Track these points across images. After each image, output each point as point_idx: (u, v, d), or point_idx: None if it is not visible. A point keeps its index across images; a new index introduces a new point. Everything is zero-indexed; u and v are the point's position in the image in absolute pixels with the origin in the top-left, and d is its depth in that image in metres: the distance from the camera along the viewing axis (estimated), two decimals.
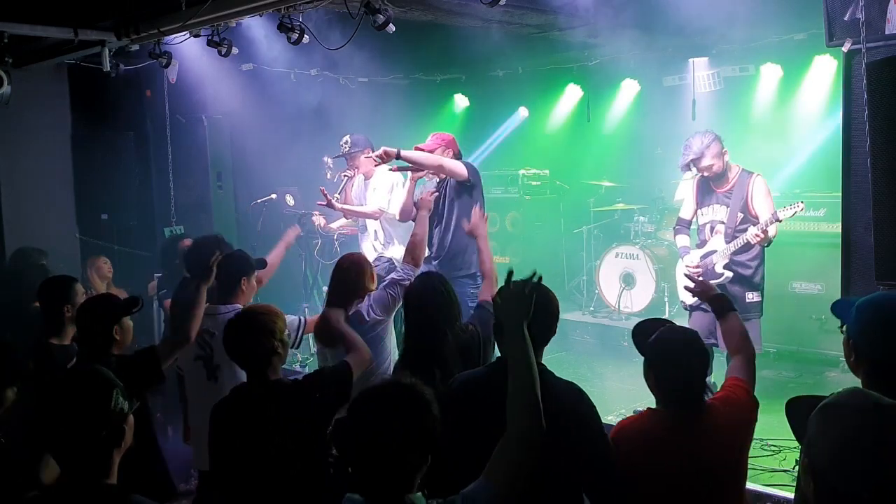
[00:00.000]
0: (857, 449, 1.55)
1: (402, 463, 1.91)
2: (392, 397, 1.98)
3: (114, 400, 2.07)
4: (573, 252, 9.09)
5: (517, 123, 9.88)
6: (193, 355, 4.07)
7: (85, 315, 3.62)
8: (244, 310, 3.38)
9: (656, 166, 8.44)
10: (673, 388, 2.68)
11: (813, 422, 1.64)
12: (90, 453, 2.04)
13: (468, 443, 2.34)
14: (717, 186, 5.34)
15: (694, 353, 2.70)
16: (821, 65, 7.33)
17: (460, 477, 2.13)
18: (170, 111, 7.58)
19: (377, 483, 1.91)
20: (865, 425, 1.58)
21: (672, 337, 2.76)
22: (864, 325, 2.22)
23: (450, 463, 2.17)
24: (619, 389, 6.28)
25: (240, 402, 3.08)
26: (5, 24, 5.75)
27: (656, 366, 2.71)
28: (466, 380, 2.90)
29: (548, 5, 6.15)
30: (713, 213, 5.38)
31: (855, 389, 1.70)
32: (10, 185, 6.83)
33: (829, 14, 3.86)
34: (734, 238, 5.21)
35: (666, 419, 2.68)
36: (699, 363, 2.70)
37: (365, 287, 4.10)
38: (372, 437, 1.91)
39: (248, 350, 3.09)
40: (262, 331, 3.09)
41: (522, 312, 2.23)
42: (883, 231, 3.59)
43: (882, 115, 3.56)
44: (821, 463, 1.59)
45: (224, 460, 3.06)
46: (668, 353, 2.69)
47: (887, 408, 1.61)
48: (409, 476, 1.93)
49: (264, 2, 5.21)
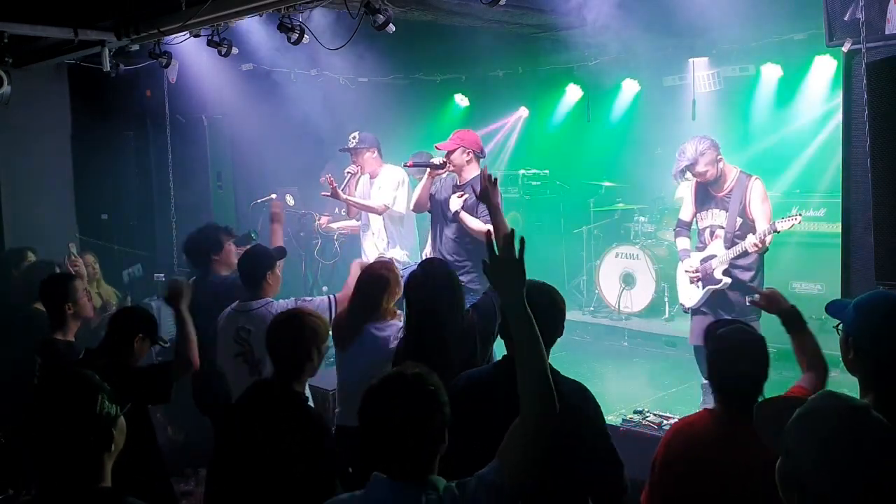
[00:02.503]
0: (840, 454, 1.55)
1: (425, 444, 2.02)
2: (408, 384, 2.06)
3: (99, 404, 2.03)
4: (573, 252, 9.08)
5: (517, 123, 9.88)
6: (233, 353, 4.10)
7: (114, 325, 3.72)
8: (292, 311, 3.36)
9: (656, 166, 8.43)
10: (729, 386, 2.68)
11: (790, 431, 1.63)
12: (79, 459, 2.01)
13: (472, 442, 2.33)
14: (714, 191, 5.29)
15: (755, 354, 2.70)
16: (821, 65, 7.32)
17: (465, 475, 2.13)
18: (170, 111, 7.56)
19: (403, 463, 2.01)
20: (844, 429, 1.58)
21: (734, 336, 2.75)
22: (865, 323, 2.22)
23: (453, 462, 2.17)
24: (619, 389, 6.29)
25: (255, 403, 3.06)
26: (5, 24, 5.75)
27: (714, 362, 2.73)
28: (472, 379, 2.88)
29: (548, 5, 6.15)
30: (712, 217, 5.33)
31: (827, 393, 1.69)
32: (10, 185, 6.84)
33: (829, 14, 3.85)
34: (734, 244, 5.17)
35: (720, 419, 2.68)
36: (759, 366, 2.69)
37: (382, 307, 3.89)
38: (398, 420, 2.01)
39: (287, 349, 3.08)
40: (305, 333, 3.10)
41: (518, 281, 2.12)
42: (883, 231, 3.59)
43: (882, 115, 3.56)
44: (805, 472, 1.59)
45: (228, 460, 3.05)
46: (727, 352, 2.69)
47: (861, 409, 1.61)
48: (431, 457, 2.04)
49: (264, 2, 5.21)
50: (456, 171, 5.51)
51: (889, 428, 1.58)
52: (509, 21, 6.86)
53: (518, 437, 2.07)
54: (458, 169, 5.49)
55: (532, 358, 2.09)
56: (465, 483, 2.04)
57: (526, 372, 2.09)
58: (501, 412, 2.18)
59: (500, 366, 2.87)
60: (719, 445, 2.61)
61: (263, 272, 4.23)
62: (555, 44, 7.84)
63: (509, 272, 2.13)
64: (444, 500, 2.00)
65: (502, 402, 2.25)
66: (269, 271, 4.25)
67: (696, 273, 5.33)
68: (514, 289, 2.12)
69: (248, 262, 4.29)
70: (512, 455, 2.06)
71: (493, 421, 2.24)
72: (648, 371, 6.87)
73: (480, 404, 2.66)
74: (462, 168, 5.49)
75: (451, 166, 5.46)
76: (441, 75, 9.75)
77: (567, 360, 7.60)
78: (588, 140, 9.16)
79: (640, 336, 7.75)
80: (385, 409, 2.04)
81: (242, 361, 4.08)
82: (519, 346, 2.11)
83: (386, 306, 3.90)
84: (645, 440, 4.50)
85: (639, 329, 7.85)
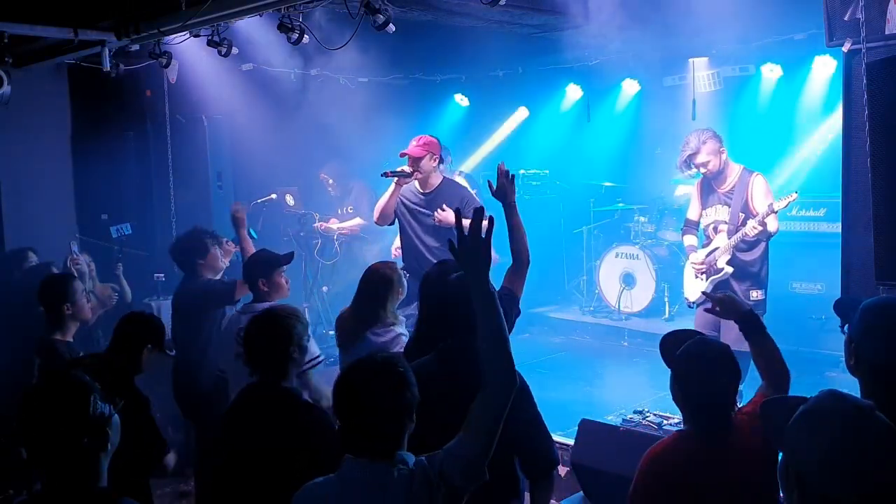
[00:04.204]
0: (844, 454, 1.55)
1: (394, 422, 2.16)
2: (380, 366, 2.21)
3: (92, 405, 2.02)
4: (573, 252, 9.09)
5: (517, 123, 9.88)
6: (234, 354, 4.10)
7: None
8: (264, 311, 3.30)
9: (656, 166, 8.43)
10: (699, 405, 2.53)
11: (794, 429, 1.62)
12: (74, 460, 2.00)
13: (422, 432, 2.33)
14: (717, 186, 5.36)
15: (723, 369, 2.54)
16: (821, 65, 7.32)
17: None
18: (170, 111, 7.56)
19: (374, 441, 2.14)
20: (849, 429, 1.57)
21: (701, 350, 2.57)
22: (867, 330, 2.19)
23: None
24: (619, 389, 6.28)
25: (247, 406, 3.06)
26: (5, 24, 5.74)
27: (682, 380, 2.55)
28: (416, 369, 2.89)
29: (548, 5, 6.15)
30: (716, 213, 5.41)
31: (831, 393, 1.68)
32: (10, 185, 6.84)
33: (829, 14, 3.85)
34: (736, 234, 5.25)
35: (693, 439, 2.57)
36: (728, 380, 2.55)
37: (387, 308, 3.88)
38: (369, 400, 2.15)
39: (264, 351, 3.05)
40: (279, 335, 3.06)
41: (483, 259, 2.20)
42: (883, 231, 3.59)
43: (882, 115, 3.56)
44: (807, 470, 1.59)
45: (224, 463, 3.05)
46: (696, 369, 2.52)
47: (866, 409, 1.61)
48: (400, 435, 2.18)
49: (264, 2, 5.20)
50: (422, 178, 5.39)
51: (892, 429, 1.58)
52: (509, 21, 6.86)
53: (481, 408, 2.17)
54: (425, 176, 5.38)
55: (495, 332, 2.19)
56: (433, 456, 2.16)
57: (490, 345, 2.19)
58: (449, 403, 2.33)
59: (441, 355, 2.92)
60: (696, 468, 2.51)
61: (255, 278, 4.30)
62: (555, 44, 7.83)
63: (476, 251, 2.19)
64: (415, 474, 2.13)
65: (449, 393, 2.43)
66: (261, 278, 4.29)
67: (702, 265, 5.40)
68: (479, 266, 2.20)
69: (253, 266, 4.39)
70: (477, 426, 2.16)
71: (439, 412, 2.33)
72: (648, 371, 6.87)
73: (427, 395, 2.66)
74: (429, 175, 5.39)
75: (420, 173, 5.35)
76: (441, 75, 9.74)
77: (567, 360, 7.64)
78: (588, 140, 9.15)
79: (640, 336, 7.75)
80: (357, 389, 2.18)
81: (243, 362, 4.09)
82: (483, 320, 2.20)
83: (390, 308, 3.91)
84: (645, 440, 4.50)
85: (639, 329, 7.85)
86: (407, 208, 5.49)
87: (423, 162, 5.33)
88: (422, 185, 5.45)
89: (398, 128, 8.61)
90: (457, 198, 5.38)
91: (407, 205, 5.49)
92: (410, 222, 5.49)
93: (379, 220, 5.60)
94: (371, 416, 2.15)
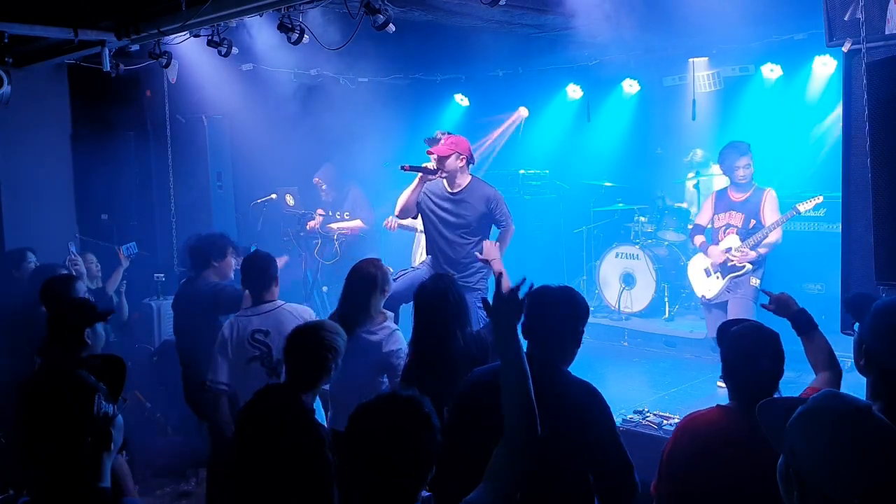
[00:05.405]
0: (844, 454, 1.55)
1: (404, 480, 1.94)
2: (392, 413, 1.98)
3: (96, 405, 2.02)
4: (573, 252, 9.08)
5: (517, 123, 9.88)
6: (245, 359, 4.08)
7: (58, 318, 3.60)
8: (315, 323, 3.31)
9: (656, 166, 8.43)
10: (742, 382, 2.67)
11: (794, 429, 1.63)
12: (78, 460, 2.00)
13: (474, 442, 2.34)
14: (735, 195, 5.98)
15: (764, 351, 2.68)
16: (821, 65, 7.33)
17: (466, 475, 2.15)
18: (170, 111, 7.56)
19: (380, 498, 1.93)
20: (848, 429, 1.58)
21: (748, 332, 2.75)
22: (878, 333, 2.19)
23: (456, 460, 2.19)
24: (619, 389, 6.27)
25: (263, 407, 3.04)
26: (5, 24, 5.74)
27: (728, 360, 2.72)
28: (477, 379, 2.89)
29: (548, 5, 6.14)
30: (728, 217, 6.03)
31: (829, 393, 1.69)
32: (10, 185, 6.84)
33: (829, 14, 3.86)
34: (748, 237, 5.88)
35: (733, 413, 2.67)
36: (770, 362, 2.68)
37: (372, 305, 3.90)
38: (373, 455, 1.92)
39: (305, 361, 3.08)
40: (326, 348, 3.10)
41: (514, 316, 2.28)
42: (883, 231, 3.59)
43: (882, 115, 3.57)
44: (807, 470, 1.59)
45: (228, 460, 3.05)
46: (740, 346, 2.69)
47: (864, 410, 1.61)
48: (412, 492, 1.96)
49: (264, 2, 5.21)
50: (448, 176, 5.44)
51: (891, 429, 1.58)
52: (509, 21, 6.86)
53: (502, 455, 2.13)
54: (451, 174, 5.43)
55: (517, 378, 2.20)
56: None
57: (511, 390, 2.19)
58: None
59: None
60: (730, 441, 2.61)
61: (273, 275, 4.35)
62: (555, 44, 7.83)
63: (510, 311, 2.29)
64: None
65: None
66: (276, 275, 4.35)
67: (723, 257, 5.91)
68: (510, 322, 2.28)
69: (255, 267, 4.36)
70: (498, 475, 2.11)
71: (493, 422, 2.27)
72: (648, 371, 6.87)
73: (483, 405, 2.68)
74: (455, 174, 5.44)
75: (444, 172, 5.39)
76: (441, 75, 9.74)
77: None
78: (588, 140, 9.15)
79: (640, 336, 7.75)
80: (359, 442, 1.96)
81: (259, 365, 4.07)
82: (505, 365, 2.23)
83: (375, 305, 3.92)
84: (645, 440, 4.50)
85: (639, 329, 7.84)
86: (433, 206, 5.53)
87: (448, 161, 5.38)
88: (449, 184, 5.49)
89: (398, 128, 8.62)
90: (482, 198, 5.44)
91: (433, 202, 5.53)
92: (435, 222, 5.53)
93: (400, 214, 5.74)
94: (375, 471, 1.92)
